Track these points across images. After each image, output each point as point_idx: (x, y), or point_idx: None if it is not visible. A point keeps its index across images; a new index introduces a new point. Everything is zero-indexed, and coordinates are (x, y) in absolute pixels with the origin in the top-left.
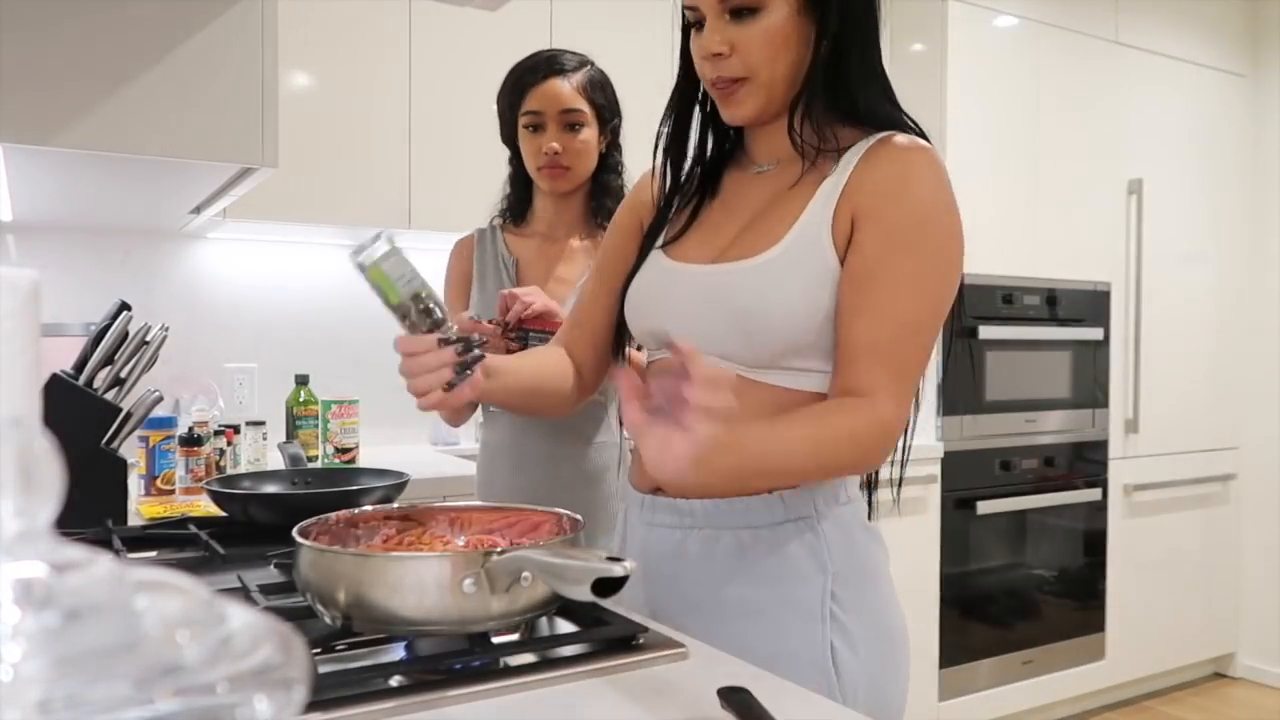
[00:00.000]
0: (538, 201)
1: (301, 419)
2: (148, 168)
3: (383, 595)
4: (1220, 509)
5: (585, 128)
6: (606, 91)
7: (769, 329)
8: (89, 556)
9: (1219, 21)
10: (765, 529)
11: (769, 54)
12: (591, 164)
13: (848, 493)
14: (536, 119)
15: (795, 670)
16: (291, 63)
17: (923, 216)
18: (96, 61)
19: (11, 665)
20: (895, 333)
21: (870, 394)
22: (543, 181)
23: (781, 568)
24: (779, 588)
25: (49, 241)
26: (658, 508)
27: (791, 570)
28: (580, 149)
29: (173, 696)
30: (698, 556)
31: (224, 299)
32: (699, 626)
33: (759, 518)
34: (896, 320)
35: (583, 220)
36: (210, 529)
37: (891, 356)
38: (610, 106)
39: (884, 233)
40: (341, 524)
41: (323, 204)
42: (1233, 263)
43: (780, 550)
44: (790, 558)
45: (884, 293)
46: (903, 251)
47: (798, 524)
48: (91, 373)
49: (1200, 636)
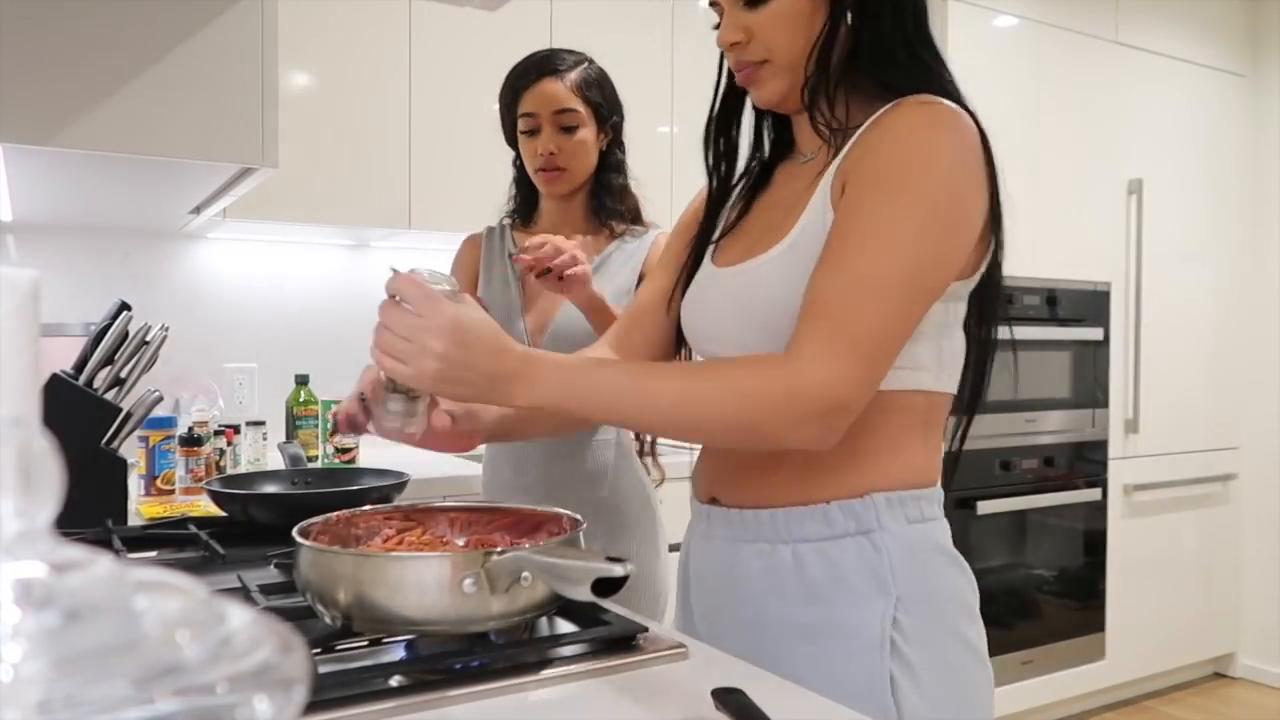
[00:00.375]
0: (543, 202)
1: (301, 419)
2: (148, 168)
3: (383, 595)
4: (1220, 509)
5: (581, 128)
6: (604, 89)
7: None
8: (89, 556)
9: (1219, 21)
10: (822, 543)
11: (787, 34)
12: (590, 164)
13: (922, 510)
14: (532, 121)
15: (851, 700)
16: (291, 63)
17: (904, 161)
18: (96, 61)
19: (11, 665)
20: (848, 287)
21: (794, 352)
22: (541, 184)
23: (838, 587)
24: (835, 609)
25: (49, 241)
26: (713, 519)
27: (849, 591)
28: (576, 149)
29: (173, 696)
30: (752, 572)
31: (224, 299)
32: (751, 646)
33: (814, 530)
34: (853, 274)
35: (586, 219)
36: (210, 529)
37: (836, 313)
38: (608, 104)
39: (858, 186)
40: (341, 524)
41: (323, 204)
42: (1232, 263)
43: (837, 568)
44: (848, 577)
45: (846, 246)
46: (873, 201)
47: (857, 539)
48: (91, 373)
49: (1200, 636)
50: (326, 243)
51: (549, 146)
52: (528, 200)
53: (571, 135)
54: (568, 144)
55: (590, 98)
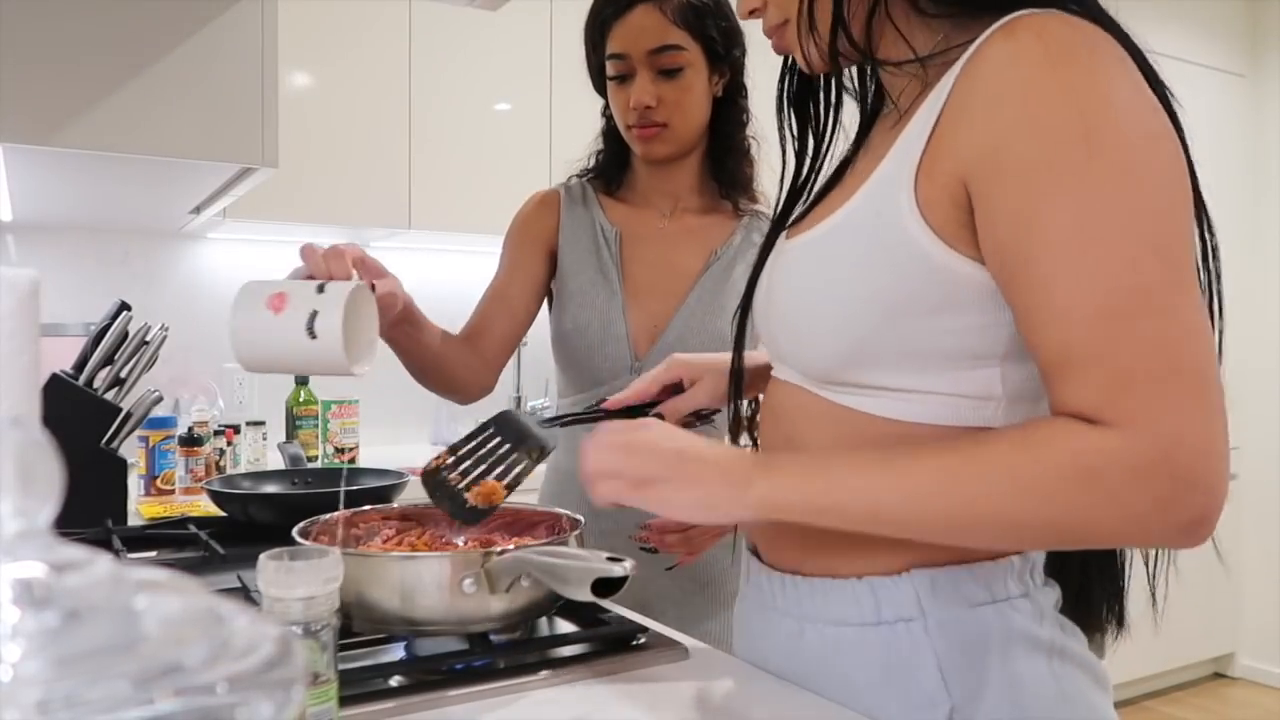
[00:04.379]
0: (637, 166)
1: (301, 419)
2: (148, 168)
3: (383, 595)
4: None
5: (687, 70)
6: (719, 15)
7: (810, 325)
8: (89, 556)
9: (1219, 21)
10: (855, 629)
11: None
12: (701, 118)
13: (992, 589)
14: (622, 65)
15: None
16: (291, 63)
17: (1075, 127)
18: (96, 61)
19: (11, 665)
20: (1092, 316)
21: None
22: (636, 144)
23: (874, 689)
24: (874, 714)
25: (49, 241)
26: (750, 574)
27: (886, 695)
28: (681, 99)
29: (173, 696)
30: (782, 648)
31: (224, 299)
32: None
33: (843, 611)
34: (1086, 299)
35: (698, 190)
36: (210, 529)
37: (1101, 355)
38: (725, 35)
39: (1024, 164)
40: (341, 524)
41: (323, 204)
42: (1233, 263)
43: (873, 665)
44: (885, 676)
45: (1052, 262)
46: (1054, 191)
47: (895, 629)
48: (91, 373)
49: (1200, 636)
50: (326, 243)
51: (644, 97)
52: (617, 159)
53: (675, 80)
54: (670, 92)
55: (700, 28)
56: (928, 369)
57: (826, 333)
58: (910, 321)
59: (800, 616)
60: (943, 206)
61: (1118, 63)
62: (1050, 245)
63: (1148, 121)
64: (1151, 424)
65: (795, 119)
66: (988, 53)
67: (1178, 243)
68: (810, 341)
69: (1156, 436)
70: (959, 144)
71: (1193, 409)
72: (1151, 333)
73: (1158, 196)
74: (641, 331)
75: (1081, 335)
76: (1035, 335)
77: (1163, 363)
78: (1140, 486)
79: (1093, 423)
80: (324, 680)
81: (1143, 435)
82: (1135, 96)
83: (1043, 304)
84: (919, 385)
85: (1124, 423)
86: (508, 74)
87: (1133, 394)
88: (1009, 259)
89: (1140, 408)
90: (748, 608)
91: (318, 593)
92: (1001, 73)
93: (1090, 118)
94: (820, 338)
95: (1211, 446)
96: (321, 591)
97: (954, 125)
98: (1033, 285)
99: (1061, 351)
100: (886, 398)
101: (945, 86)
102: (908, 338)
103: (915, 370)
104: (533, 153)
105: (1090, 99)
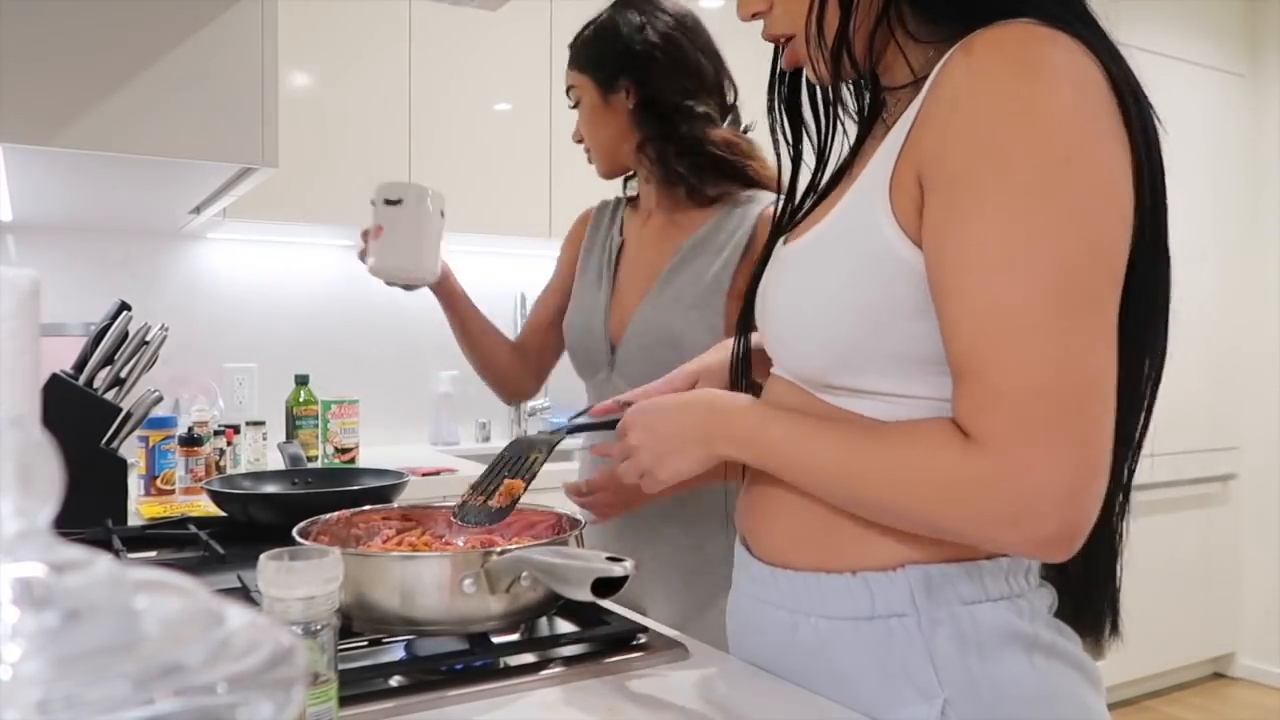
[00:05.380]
0: None
1: (301, 419)
2: (148, 168)
3: (383, 595)
4: (1220, 509)
5: (582, 102)
6: (602, 44)
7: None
8: (89, 556)
9: (1219, 21)
10: (847, 623)
11: None
12: (610, 134)
13: (985, 586)
14: None
15: None
16: (291, 63)
17: (994, 144)
18: (96, 61)
19: (11, 665)
20: (974, 332)
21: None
22: None
23: (866, 682)
24: (867, 708)
25: (49, 241)
26: (741, 566)
27: (879, 688)
28: (586, 128)
29: (173, 696)
30: (773, 640)
31: (224, 299)
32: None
33: (838, 605)
34: (971, 316)
35: (663, 192)
36: (210, 529)
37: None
38: (605, 60)
39: (948, 175)
40: (341, 524)
41: (323, 204)
42: (1232, 263)
43: (865, 658)
44: (878, 670)
45: (953, 276)
46: (965, 206)
47: (888, 623)
48: (91, 373)
49: (1200, 636)
50: (326, 243)
51: (575, 133)
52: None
53: (580, 113)
54: (581, 124)
55: (580, 62)
56: (913, 373)
57: (814, 340)
58: (893, 327)
59: (794, 609)
60: (910, 212)
61: (1064, 78)
62: (954, 258)
63: (1070, 143)
64: (1004, 447)
65: (788, 123)
66: (950, 65)
67: (1081, 269)
68: (799, 348)
69: (1004, 459)
70: (917, 151)
71: (1048, 438)
72: (1024, 357)
73: (1066, 223)
74: (618, 326)
75: (964, 350)
76: (945, 342)
77: (1036, 388)
78: (989, 501)
79: (964, 434)
80: (324, 680)
81: (994, 456)
82: (1067, 115)
83: (944, 313)
84: (906, 390)
85: (983, 440)
86: (508, 74)
87: (995, 414)
88: (931, 267)
89: (998, 430)
90: (741, 600)
91: (318, 593)
92: (956, 85)
93: (1010, 135)
94: (808, 344)
95: (1061, 477)
96: (321, 591)
97: (919, 134)
98: (941, 294)
99: (954, 361)
100: (876, 401)
101: (920, 99)
102: (892, 343)
103: (901, 375)
104: (533, 153)
105: (1016, 116)
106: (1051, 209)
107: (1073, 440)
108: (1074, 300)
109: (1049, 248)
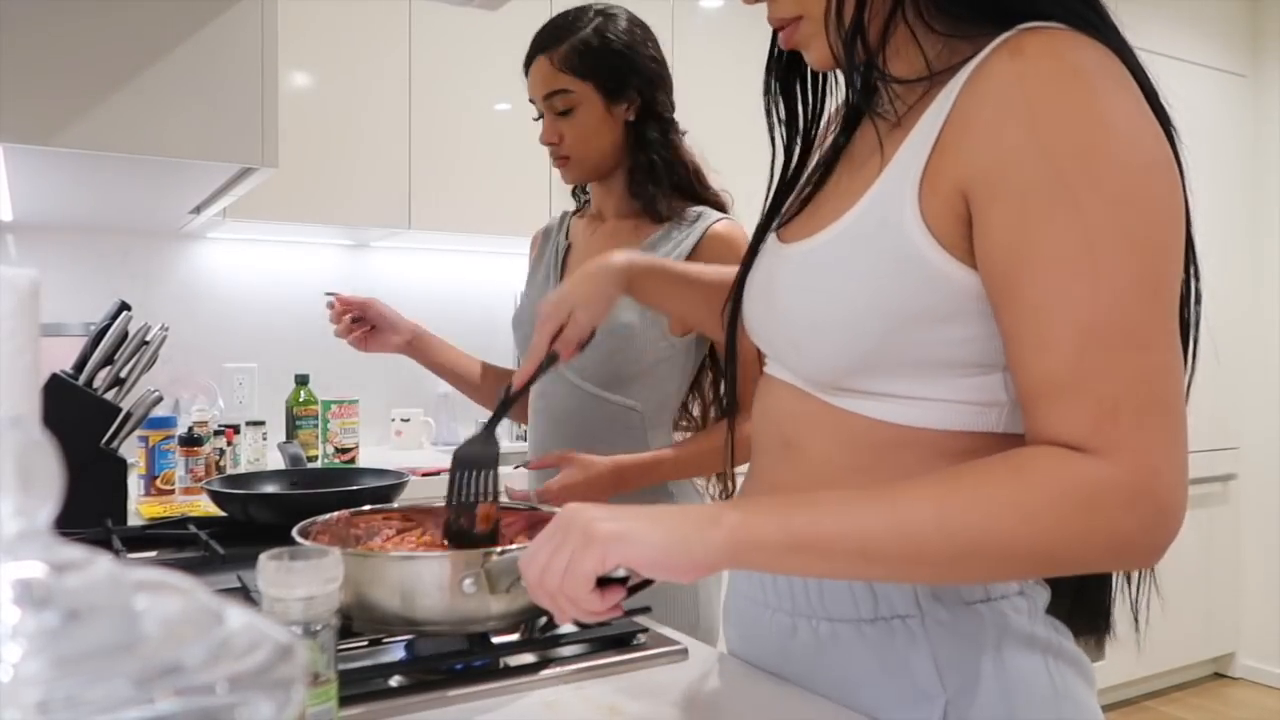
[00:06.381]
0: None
1: (301, 419)
2: (148, 168)
3: (383, 595)
4: (1220, 509)
5: (579, 108)
6: (610, 54)
7: (820, 336)
8: (89, 556)
9: (1219, 21)
10: (848, 624)
11: None
12: (603, 143)
13: (986, 586)
14: (536, 108)
15: None
16: (291, 63)
17: (1075, 153)
18: (96, 61)
19: (11, 665)
20: (1080, 346)
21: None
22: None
23: (867, 684)
24: (869, 711)
25: (49, 241)
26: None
27: (881, 689)
28: (576, 134)
29: (173, 696)
30: (774, 644)
31: (224, 299)
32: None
33: (837, 608)
34: (1073, 329)
35: (625, 201)
36: (210, 529)
37: (1088, 384)
38: (617, 71)
39: (1018, 187)
40: (341, 524)
41: (323, 204)
42: (1233, 263)
43: (867, 659)
44: (880, 671)
45: (1041, 290)
46: (1048, 218)
47: (891, 624)
48: (91, 373)
49: (1200, 636)
50: (326, 243)
51: (548, 135)
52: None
53: (569, 118)
54: (568, 129)
55: (585, 69)
56: (933, 376)
57: (832, 343)
58: (917, 332)
59: (793, 612)
60: (946, 219)
61: (1123, 86)
62: (1040, 272)
63: (1149, 149)
64: (1136, 454)
65: (784, 106)
66: (994, 67)
67: (1164, 278)
68: (814, 351)
69: (1140, 466)
70: (961, 159)
71: (1168, 441)
72: (1134, 365)
73: (1151, 229)
74: None
75: (1068, 364)
76: (1020, 360)
77: (1144, 395)
78: (1130, 513)
79: (1078, 451)
80: (324, 680)
81: (1129, 464)
82: (1138, 122)
83: (1029, 330)
84: (924, 392)
85: (1110, 451)
86: (508, 74)
87: (1118, 424)
88: (1000, 281)
89: (1125, 437)
90: (738, 602)
91: (318, 593)
92: (1007, 90)
93: (1091, 144)
94: (825, 347)
95: (1181, 479)
96: (321, 591)
97: (957, 139)
98: (1021, 310)
99: (1046, 379)
100: (890, 403)
101: (950, 97)
102: (914, 348)
103: (920, 377)
104: (533, 153)
105: (1092, 124)
106: (1139, 217)
107: (1179, 442)
108: (1164, 305)
109: (1143, 255)
